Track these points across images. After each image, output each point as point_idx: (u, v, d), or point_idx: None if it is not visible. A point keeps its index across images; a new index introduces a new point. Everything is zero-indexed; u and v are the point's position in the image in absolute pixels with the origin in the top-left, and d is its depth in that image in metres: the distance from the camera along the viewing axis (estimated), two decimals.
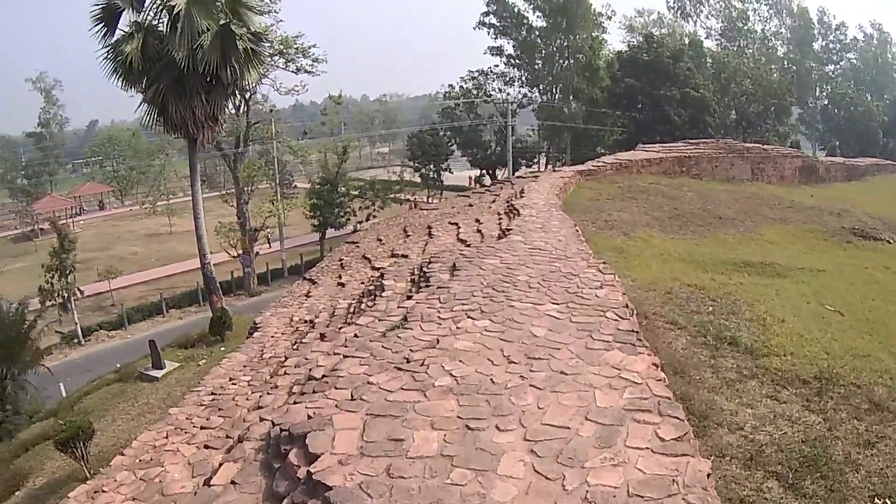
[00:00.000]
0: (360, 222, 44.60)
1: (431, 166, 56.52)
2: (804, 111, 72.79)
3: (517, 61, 57.22)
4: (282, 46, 36.52)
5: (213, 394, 8.35)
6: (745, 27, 68.24)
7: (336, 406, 5.06)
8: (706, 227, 20.71)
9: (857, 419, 7.43)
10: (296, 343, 9.85)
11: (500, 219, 16.00)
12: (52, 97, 73.69)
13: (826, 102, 73.39)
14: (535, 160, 61.31)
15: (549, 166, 59.93)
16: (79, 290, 31.45)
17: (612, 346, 6.04)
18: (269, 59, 35.81)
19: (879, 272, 14.79)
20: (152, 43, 18.91)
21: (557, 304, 7.29)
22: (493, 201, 20.34)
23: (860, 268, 15.08)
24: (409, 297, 8.66)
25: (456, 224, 16.76)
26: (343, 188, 45.01)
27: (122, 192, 74.95)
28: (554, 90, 57.47)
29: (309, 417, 4.91)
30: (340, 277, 13.95)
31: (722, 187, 27.55)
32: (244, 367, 9.57)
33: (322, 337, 8.87)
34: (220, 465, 5.36)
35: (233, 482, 4.79)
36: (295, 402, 5.46)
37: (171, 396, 14.73)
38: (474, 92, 57.62)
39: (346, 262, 16.38)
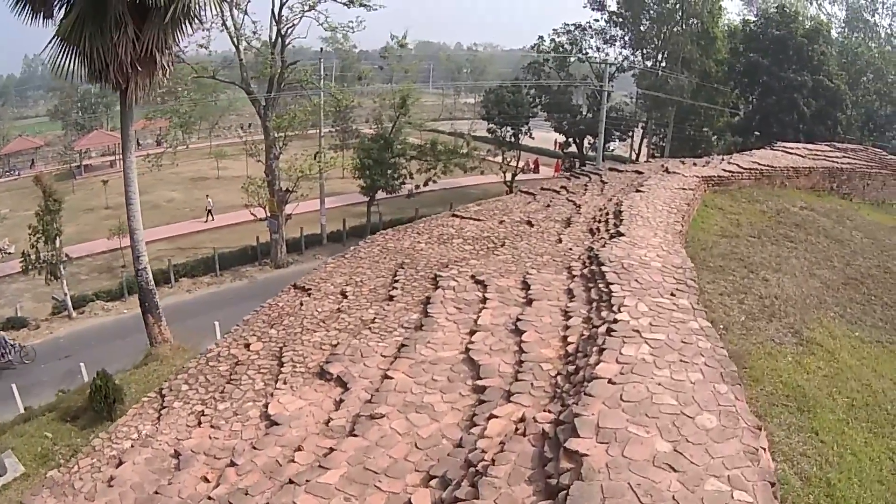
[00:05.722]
0: (417, 186, 38.17)
1: (508, 128, 47.54)
2: None
3: (620, 19, 47.99)
4: None
5: None
6: (872, 20, 57.45)
7: None
8: None
9: None
10: None
11: (571, 293, 8.50)
12: None
13: None
14: (631, 133, 52.11)
15: (646, 140, 51.62)
16: (66, 255, 27.16)
17: None
18: None
19: None
20: None
21: None
22: (568, 221, 12.99)
23: None
24: None
25: (482, 285, 9.28)
26: (399, 147, 37.43)
27: (183, 130, 67.76)
28: (660, 57, 48.19)
29: None
30: (203, 411, 7.29)
31: (891, 220, 19.35)
32: None
33: None
34: None
35: None
36: None
37: None
38: (567, 47, 48.32)
39: (244, 362, 8.25)
